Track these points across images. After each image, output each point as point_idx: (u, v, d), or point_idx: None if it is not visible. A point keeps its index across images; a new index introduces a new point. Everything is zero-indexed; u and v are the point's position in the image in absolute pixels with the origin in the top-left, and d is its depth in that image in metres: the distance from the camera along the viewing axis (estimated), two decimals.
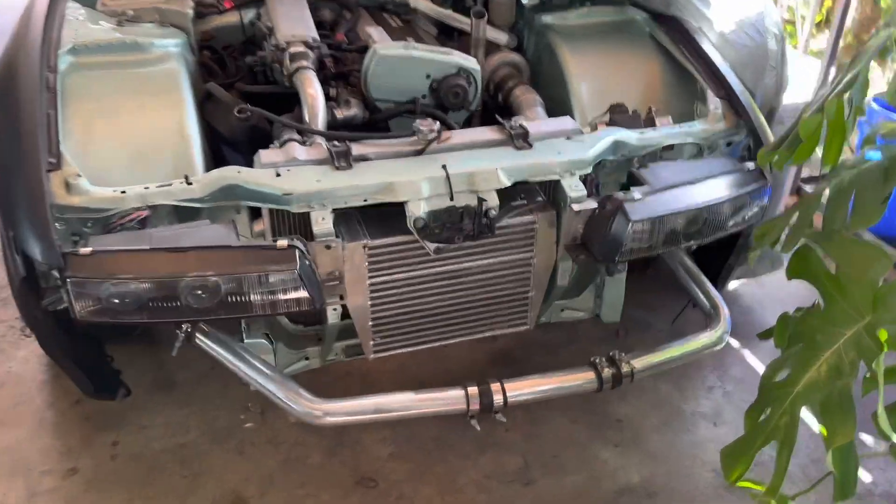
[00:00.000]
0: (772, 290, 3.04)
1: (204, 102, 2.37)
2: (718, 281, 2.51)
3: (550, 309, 2.37)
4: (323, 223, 1.82)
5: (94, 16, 2.44)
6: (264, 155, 1.96)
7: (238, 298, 1.72)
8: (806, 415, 1.59)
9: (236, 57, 2.71)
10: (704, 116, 2.39)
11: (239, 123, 2.24)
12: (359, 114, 2.37)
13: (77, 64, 2.17)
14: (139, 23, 2.42)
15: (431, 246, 1.93)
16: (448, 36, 2.86)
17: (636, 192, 1.97)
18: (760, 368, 2.67)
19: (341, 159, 1.94)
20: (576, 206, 1.97)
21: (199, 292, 1.69)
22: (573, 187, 1.99)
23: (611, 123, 2.29)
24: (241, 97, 2.47)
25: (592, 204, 1.98)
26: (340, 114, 2.34)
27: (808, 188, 3.60)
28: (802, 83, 3.58)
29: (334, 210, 1.87)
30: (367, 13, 2.85)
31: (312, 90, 2.23)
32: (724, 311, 2.23)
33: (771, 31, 2.69)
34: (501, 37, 2.71)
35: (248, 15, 2.86)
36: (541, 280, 2.14)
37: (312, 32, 2.44)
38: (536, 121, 2.27)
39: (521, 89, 2.55)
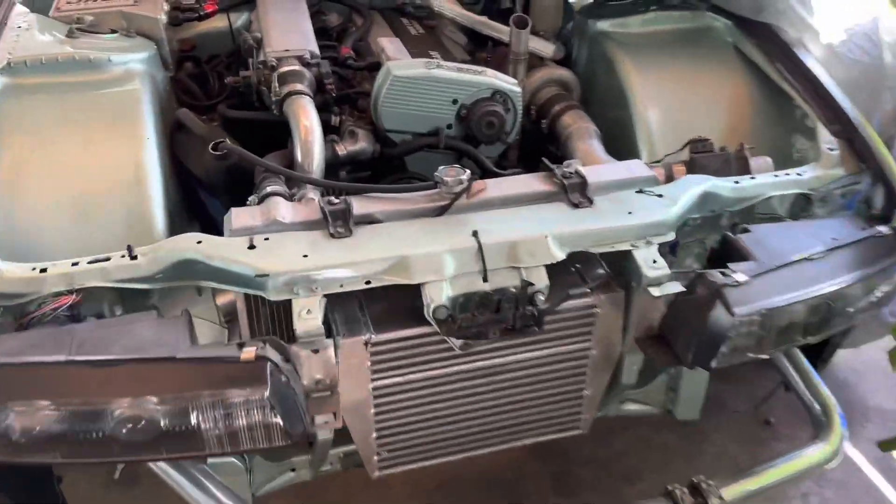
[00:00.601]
0: (871, 357, 2.49)
1: (175, 133, 1.90)
2: (818, 361, 1.99)
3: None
4: (308, 318, 1.33)
5: (44, 24, 1.99)
6: (236, 217, 1.48)
7: (185, 431, 1.23)
8: None
9: (222, 72, 2.23)
10: (809, 153, 1.88)
11: (215, 162, 1.77)
12: (367, 148, 1.89)
13: (12, 86, 1.75)
14: (98, 32, 1.95)
15: (457, 342, 1.44)
16: (479, 44, 2.36)
17: (739, 272, 1.45)
18: (866, 467, 2.15)
19: (338, 222, 1.45)
20: (654, 291, 1.45)
21: (133, 424, 1.21)
22: (650, 263, 1.47)
23: (691, 165, 1.78)
24: (224, 124, 2.01)
25: (677, 288, 1.46)
26: (343, 149, 1.85)
27: None
28: None
29: (327, 295, 1.38)
30: (382, 18, 2.35)
31: (307, 121, 1.74)
32: (838, 414, 1.70)
33: (885, 42, 2.13)
34: (546, 47, 2.20)
35: (240, 19, 2.38)
36: (600, 377, 1.63)
37: (311, 45, 1.94)
38: (596, 165, 1.75)
39: (571, 115, 2.05)
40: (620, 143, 2.02)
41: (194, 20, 2.17)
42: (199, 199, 1.94)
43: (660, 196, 1.58)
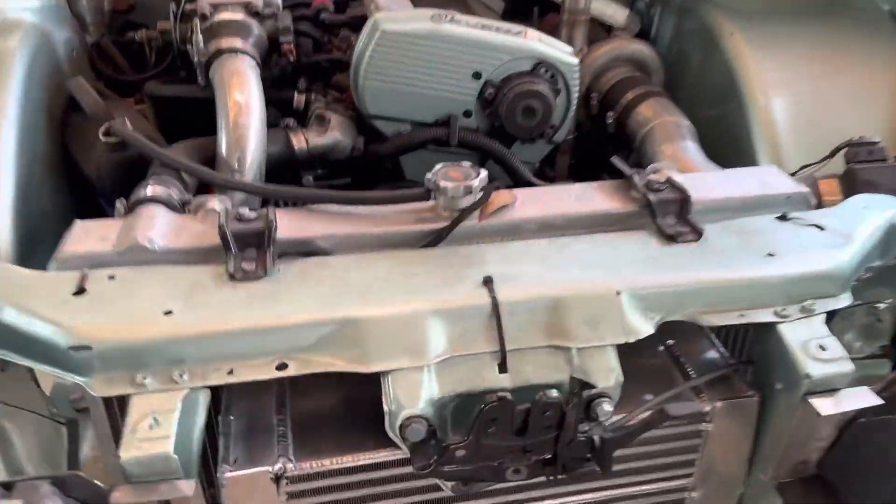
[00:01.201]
0: None
1: (67, 114, 1.32)
2: None
3: None
4: (151, 437, 0.68)
5: None
6: (75, 235, 0.86)
7: None
8: None
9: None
10: None
11: (108, 154, 1.17)
12: (344, 142, 1.28)
13: None
14: None
15: (448, 483, 0.78)
16: (524, 17, 1.73)
17: None
18: None
19: (247, 252, 0.82)
20: (824, 405, 0.77)
21: None
22: (814, 349, 0.79)
23: (849, 180, 1.11)
24: (154, 106, 1.42)
25: (870, 401, 0.77)
26: (303, 141, 1.23)
27: None
28: None
29: (208, 386, 0.74)
30: None
31: (241, 94, 1.13)
32: None
33: None
34: (617, 13, 1.57)
35: None
36: None
37: None
38: (703, 172, 1.09)
39: (651, 105, 1.42)
40: (724, 151, 1.36)
41: None
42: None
43: (820, 228, 0.90)
